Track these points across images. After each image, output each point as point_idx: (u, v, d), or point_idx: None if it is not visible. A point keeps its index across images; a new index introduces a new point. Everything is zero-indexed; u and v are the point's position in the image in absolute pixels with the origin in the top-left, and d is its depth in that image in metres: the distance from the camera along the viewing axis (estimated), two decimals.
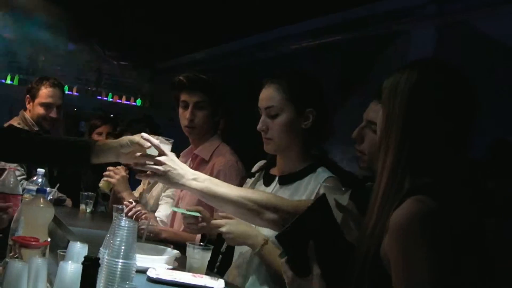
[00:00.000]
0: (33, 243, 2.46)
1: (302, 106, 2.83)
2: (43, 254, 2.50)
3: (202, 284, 2.47)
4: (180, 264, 2.78)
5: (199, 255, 2.67)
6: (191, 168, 3.72)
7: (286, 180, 2.87)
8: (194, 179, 2.46)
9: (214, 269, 2.91)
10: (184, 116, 3.69)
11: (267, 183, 2.95)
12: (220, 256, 2.88)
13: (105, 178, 4.40)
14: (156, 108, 8.21)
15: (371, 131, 2.41)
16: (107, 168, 4.43)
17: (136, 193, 4.53)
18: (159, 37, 7.63)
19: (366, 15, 5.27)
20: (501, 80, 4.37)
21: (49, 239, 2.78)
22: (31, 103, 4.96)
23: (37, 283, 2.17)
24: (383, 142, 1.87)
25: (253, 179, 3.06)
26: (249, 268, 2.80)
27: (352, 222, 2.31)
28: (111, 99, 8.99)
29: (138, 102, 8.98)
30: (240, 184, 3.12)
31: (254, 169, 3.12)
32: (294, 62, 6.29)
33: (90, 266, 1.80)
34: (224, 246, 2.86)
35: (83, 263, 1.82)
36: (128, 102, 8.96)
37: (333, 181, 2.79)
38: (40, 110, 4.91)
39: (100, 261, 2.09)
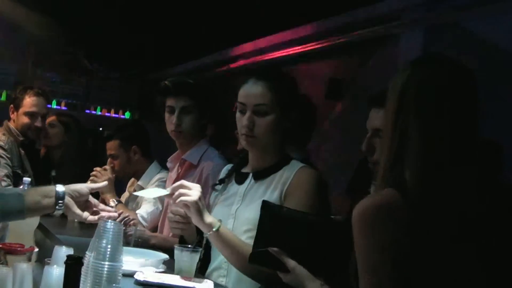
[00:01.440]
0: (18, 249, 2.43)
1: (289, 108, 2.80)
2: (29, 260, 2.46)
3: (191, 286, 2.42)
4: (169, 268, 2.73)
5: (188, 258, 2.61)
6: (179, 173, 3.74)
7: (260, 175, 2.83)
8: None
9: None
10: (170, 121, 3.65)
11: (240, 182, 2.90)
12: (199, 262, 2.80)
13: (91, 179, 4.31)
14: (145, 120, 8.16)
15: (379, 139, 2.39)
16: (94, 169, 4.36)
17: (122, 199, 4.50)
18: (147, 48, 7.61)
19: (354, 20, 5.25)
20: (490, 80, 4.35)
21: (35, 247, 2.75)
22: (15, 113, 4.90)
23: None
24: (382, 140, 1.89)
25: (223, 185, 3.01)
26: (230, 268, 2.75)
27: None
28: (99, 113, 8.94)
29: (127, 114, 8.93)
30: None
31: (222, 175, 3.06)
32: (283, 68, 6.27)
33: (73, 265, 1.75)
34: (202, 252, 2.80)
35: (65, 263, 1.78)
36: (117, 115, 8.92)
37: (307, 169, 2.79)
38: (25, 120, 4.85)
39: (86, 264, 2.06)
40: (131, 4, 6.64)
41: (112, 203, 4.13)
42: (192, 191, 2.57)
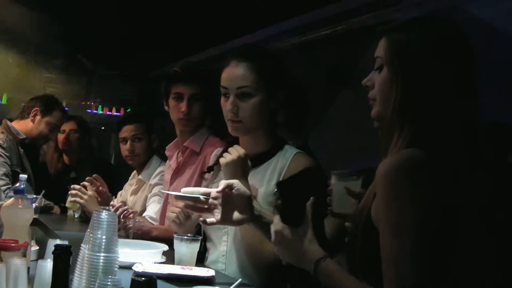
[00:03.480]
0: (12, 245, 2.37)
1: (274, 87, 2.70)
2: (24, 256, 2.41)
3: (191, 274, 2.35)
4: (171, 260, 2.67)
5: (187, 247, 2.55)
6: (180, 161, 3.67)
7: (255, 162, 2.71)
8: None
9: None
10: (178, 109, 3.58)
11: None
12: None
13: (71, 198, 4.09)
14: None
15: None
16: (72, 187, 4.11)
17: (123, 195, 4.43)
18: (146, 46, 7.57)
19: (353, 7, 5.18)
20: (491, 63, 4.30)
21: (34, 244, 2.70)
22: (38, 117, 4.92)
23: (17, 285, 2.08)
24: (394, 107, 1.79)
25: (212, 172, 2.93)
26: (228, 262, 2.68)
27: None
28: (101, 112, 8.92)
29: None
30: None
31: (212, 161, 2.99)
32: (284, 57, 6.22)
33: (61, 254, 1.68)
34: (202, 245, 2.73)
35: (53, 252, 1.71)
36: (118, 114, 8.89)
37: (302, 156, 2.70)
38: (45, 129, 4.94)
39: (81, 257, 2.01)
40: (128, 1, 6.60)
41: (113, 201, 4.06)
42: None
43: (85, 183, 4.09)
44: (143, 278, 1.64)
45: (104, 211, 2.11)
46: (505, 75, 4.18)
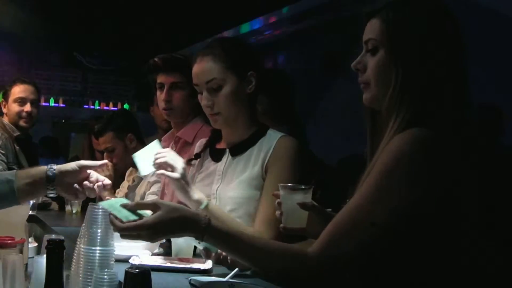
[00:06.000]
0: (8, 242, 2.37)
1: (243, 71, 2.71)
2: (20, 252, 2.41)
3: (188, 266, 2.35)
4: (167, 251, 2.67)
5: (185, 238, 2.53)
6: (174, 151, 3.65)
7: (237, 150, 2.76)
8: None
9: None
10: (161, 99, 3.55)
11: (217, 159, 2.83)
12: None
13: None
14: (144, 111, 8.09)
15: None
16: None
17: (122, 190, 4.41)
18: (140, 39, 7.56)
19: None
20: (488, 46, 4.29)
21: (32, 240, 2.70)
22: (6, 106, 4.94)
23: (14, 281, 2.08)
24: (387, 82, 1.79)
25: (199, 159, 2.94)
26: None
27: (317, 217, 2.13)
28: (98, 107, 8.89)
29: (126, 106, 8.88)
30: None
31: (197, 149, 2.99)
32: (277, 47, 6.22)
33: (54, 249, 1.67)
34: None
35: (46, 247, 1.70)
36: (115, 108, 8.87)
37: (286, 138, 2.72)
38: (15, 108, 4.93)
39: (77, 252, 2.00)
40: None
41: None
42: (176, 167, 2.55)
43: (109, 162, 4.29)
44: (137, 270, 1.64)
45: (100, 205, 2.11)
46: (495, 57, 4.18)
